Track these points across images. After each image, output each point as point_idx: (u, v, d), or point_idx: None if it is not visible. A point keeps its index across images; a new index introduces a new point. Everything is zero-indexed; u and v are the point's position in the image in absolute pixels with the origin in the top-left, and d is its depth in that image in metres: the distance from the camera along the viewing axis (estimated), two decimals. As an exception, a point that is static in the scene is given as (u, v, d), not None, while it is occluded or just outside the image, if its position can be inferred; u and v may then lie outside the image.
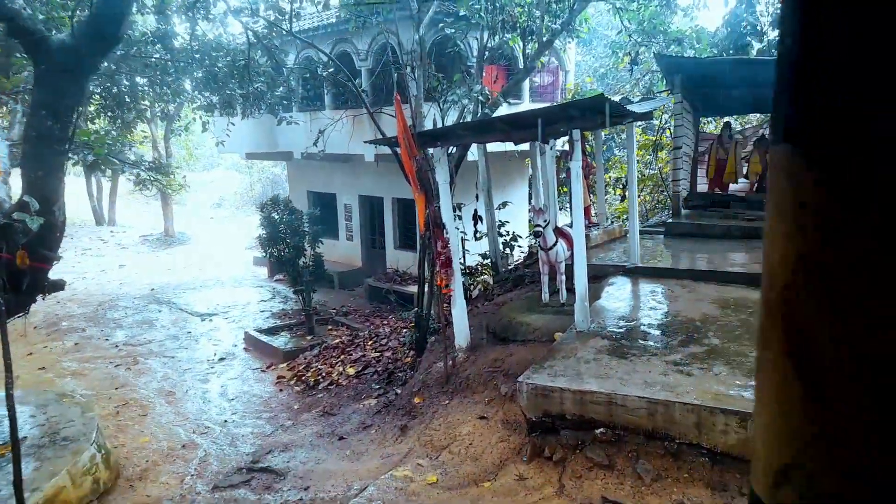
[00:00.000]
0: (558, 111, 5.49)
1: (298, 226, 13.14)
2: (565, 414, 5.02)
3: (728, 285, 7.34)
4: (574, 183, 5.91)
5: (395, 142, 6.57)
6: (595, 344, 5.77)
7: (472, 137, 6.65)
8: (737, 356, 5.29)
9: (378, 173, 15.38)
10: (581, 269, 6.10)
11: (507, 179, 16.42)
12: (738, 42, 11.49)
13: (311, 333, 12.36)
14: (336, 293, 16.26)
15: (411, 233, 16.28)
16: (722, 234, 9.60)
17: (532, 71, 10.79)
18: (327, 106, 15.69)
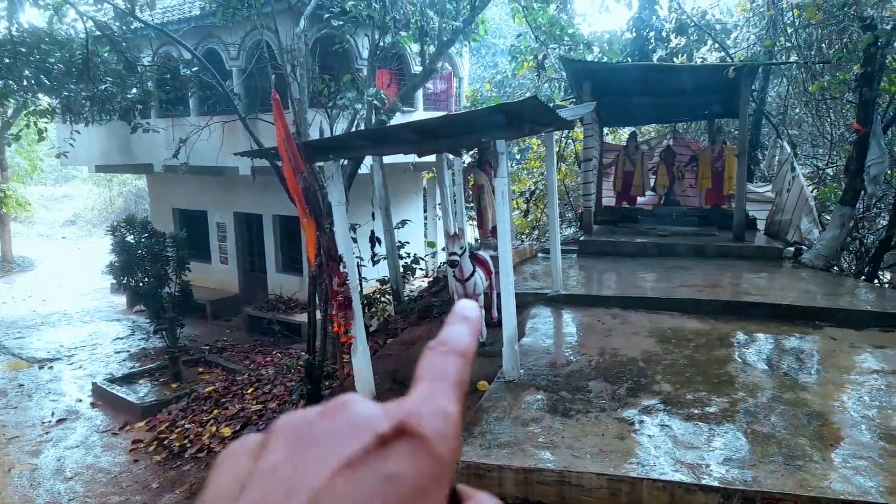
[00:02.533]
0: (482, 117, 4.44)
1: (161, 250, 11.22)
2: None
3: (660, 312, 6.67)
4: (500, 204, 4.87)
5: (276, 154, 5.20)
6: (531, 398, 4.76)
7: (372, 149, 5.45)
8: (695, 406, 4.50)
9: (256, 188, 13.68)
10: (510, 305, 5.07)
11: (403, 195, 15.29)
12: (643, 48, 11.17)
13: (178, 379, 10.47)
14: (209, 325, 14.29)
15: (296, 254, 14.67)
16: (637, 252, 9.07)
17: (432, 73, 9.78)
18: (192, 111, 13.77)
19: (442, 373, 0.38)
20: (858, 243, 10.01)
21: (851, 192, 8.13)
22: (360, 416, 0.34)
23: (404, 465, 0.32)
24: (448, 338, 0.41)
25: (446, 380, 0.37)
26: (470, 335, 0.42)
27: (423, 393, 0.36)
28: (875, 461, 3.65)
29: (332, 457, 0.32)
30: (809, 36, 10.70)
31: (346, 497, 0.31)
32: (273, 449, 0.34)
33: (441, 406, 0.35)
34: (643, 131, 14.70)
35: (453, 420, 0.35)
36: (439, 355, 0.39)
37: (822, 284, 7.56)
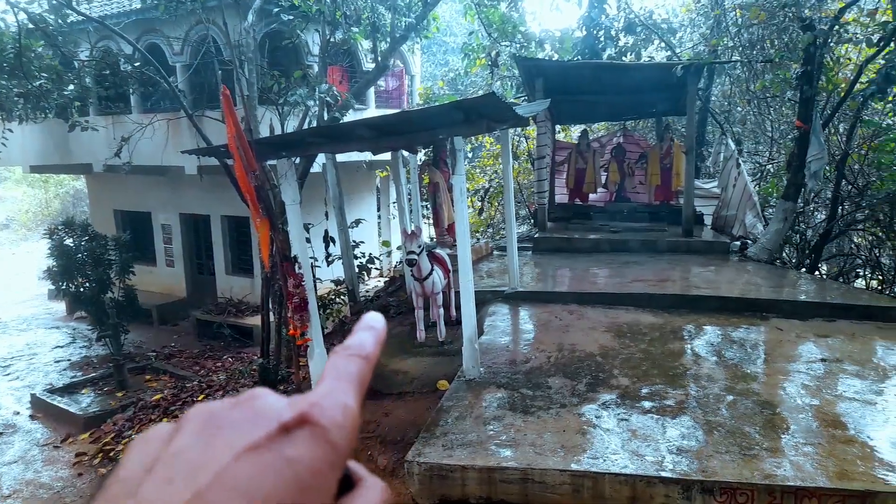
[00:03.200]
0: (439, 114, 4.38)
1: (102, 253, 10.76)
2: (469, 498, 3.92)
3: (615, 307, 6.77)
4: (458, 202, 4.83)
5: (226, 152, 5.02)
6: (491, 396, 4.74)
7: (327, 146, 5.32)
8: (652, 399, 4.57)
9: (203, 188, 13.27)
10: (469, 304, 5.03)
11: (356, 193, 15.09)
12: (593, 47, 11.31)
13: (123, 388, 10.05)
14: (155, 331, 13.79)
15: (246, 255, 14.30)
16: (591, 248, 9.19)
17: (385, 70, 9.65)
18: (134, 108, 13.25)
19: (345, 373, 0.41)
20: (800, 237, 10.40)
21: (793, 188, 8.42)
22: (266, 407, 0.37)
23: (303, 450, 0.35)
24: (353, 343, 0.45)
25: (348, 379, 0.41)
26: (374, 342, 0.45)
27: (326, 388, 0.40)
28: (823, 447, 3.76)
29: (236, 442, 0.35)
30: (752, 36, 11.05)
31: (247, 477, 0.33)
32: (182, 435, 0.36)
33: (341, 400, 0.39)
34: (594, 129, 14.93)
35: (351, 413, 0.39)
36: (343, 357, 0.43)
37: (768, 277, 7.81)
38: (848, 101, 8.91)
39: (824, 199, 10.61)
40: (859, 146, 9.92)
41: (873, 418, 4.14)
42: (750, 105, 12.58)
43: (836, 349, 5.49)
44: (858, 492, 3.26)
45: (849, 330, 6.00)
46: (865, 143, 9.87)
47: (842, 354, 5.34)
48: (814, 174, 8.11)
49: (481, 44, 10.75)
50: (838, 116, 9.84)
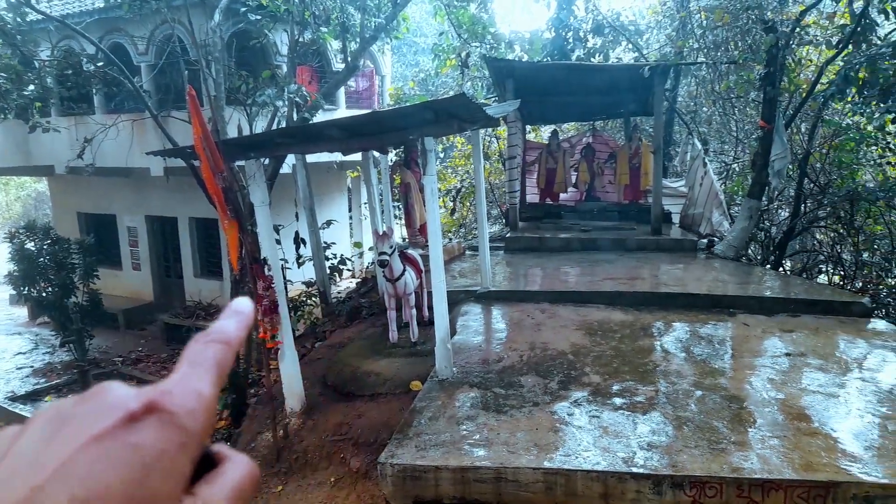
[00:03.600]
0: (410, 114, 4.37)
1: (65, 257, 10.52)
2: (442, 498, 3.92)
3: (586, 306, 6.83)
4: (430, 202, 4.82)
5: (192, 153, 4.93)
6: (464, 396, 4.74)
7: (297, 146, 5.26)
8: (623, 396, 4.62)
9: (169, 189, 13.03)
10: (441, 304, 5.03)
11: (327, 194, 14.96)
12: (563, 48, 11.41)
13: (89, 394, 9.82)
14: (122, 335, 13.50)
15: (215, 257, 14.08)
16: (562, 248, 9.27)
17: (355, 70, 9.59)
18: (98, 109, 12.95)
19: (201, 358, 0.41)
20: (764, 234, 10.63)
21: (758, 186, 8.60)
22: (113, 398, 0.37)
23: (149, 436, 0.35)
24: (214, 328, 0.44)
25: (204, 364, 0.41)
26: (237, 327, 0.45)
27: (179, 375, 0.40)
28: (789, 440, 3.85)
29: (82, 433, 0.34)
30: (716, 37, 11.26)
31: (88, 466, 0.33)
32: (26, 433, 0.36)
33: (193, 386, 0.39)
34: (564, 129, 15.05)
35: (205, 398, 0.39)
36: (202, 344, 0.43)
37: (734, 274, 7.96)
38: (809, 102, 9.14)
39: (788, 197, 10.86)
40: (820, 145, 10.18)
41: (836, 410, 4.25)
42: (715, 105, 12.83)
43: (801, 343, 5.62)
44: (823, 482, 3.34)
45: (812, 324, 6.15)
46: (826, 143, 10.13)
47: (806, 349, 5.47)
48: (777, 173, 8.29)
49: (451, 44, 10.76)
50: (800, 116, 10.09)
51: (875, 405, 4.32)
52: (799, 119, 10.19)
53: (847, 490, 3.31)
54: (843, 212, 9.68)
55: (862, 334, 5.90)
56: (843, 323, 6.22)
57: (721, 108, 12.85)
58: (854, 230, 9.68)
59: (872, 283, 9.44)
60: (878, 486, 3.31)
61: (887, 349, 5.51)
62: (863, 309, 6.46)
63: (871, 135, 9.57)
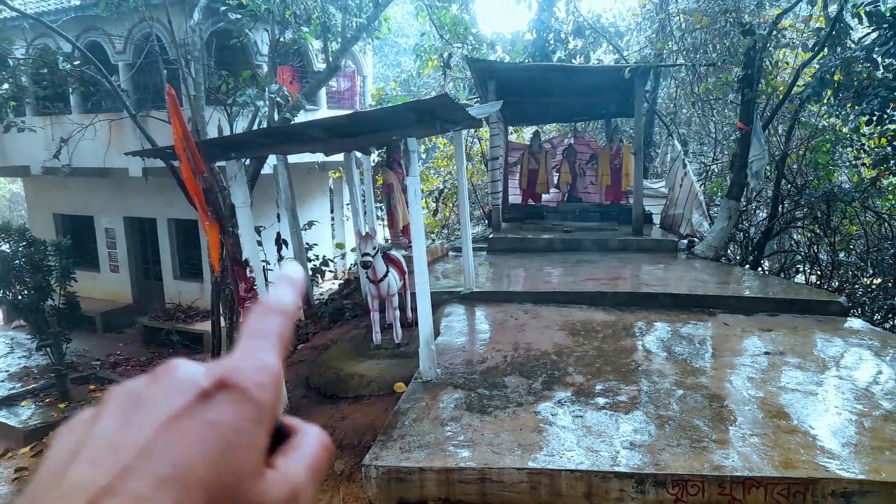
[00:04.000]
0: (393, 114, 4.36)
1: (41, 259, 10.33)
2: (427, 500, 3.91)
3: (569, 306, 6.87)
4: (412, 203, 4.81)
5: (172, 153, 4.87)
6: (448, 397, 4.74)
7: (278, 147, 5.22)
8: (606, 395, 4.65)
9: (148, 190, 12.84)
10: (425, 305, 5.02)
11: (309, 195, 14.87)
12: (544, 49, 11.46)
13: (66, 399, 9.64)
14: (99, 338, 13.28)
15: (195, 259, 13.92)
16: (545, 248, 9.32)
17: (337, 71, 9.54)
18: (74, 109, 12.74)
19: (263, 330, 0.41)
20: (743, 234, 10.77)
21: (737, 187, 8.71)
22: (183, 377, 0.37)
23: (224, 412, 0.36)
24: (270, 299, 0.44)
25: (266, 336, 0.41)
26: (293, 295, 0.45)
27: (244, 349, 0.40)
28: (768, 437, 3.90)
29: (158, 414, 0.35)
30: (695, 40, 11.40)
31: (170, 445, 0.34)
32: (103, 415, 0.36)
33: (259, 360, 0.39)
34: (545, 130, 15.12)
35: (272, 370, 0.39)
36: (261, 315, 0.43)
37: (714, 274, 8.06)
38: (786, 104, 9.28)
39: (766, 197, 11.02)
40: (797, 147, 10.34)
41: (814, 408, 4.31)
42: (694, 107, 12.98)
43: (779, 342, 5.70)
44: (802, 479, 3.39)
45: (790, 323, 6.24)
46: (803, 144, 10.29)
47: (784, 347, 5.55)
48: (755, 174, 8.41)
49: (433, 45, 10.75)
50: (777, 118, 10.24)
51: (852, 402, 4.40)
52: (776, 121, 10.34)
53: (825, 486, 3.37)
54: (820, 212, 9.84)
55: (839, 333, 6.00)
56: (820, 322, 6.32)
57: (700, 110, 13.00)
58: (830, 230, 9.84)
59: (848, 282, 9.60)
60: (856, 482, 3.37)
61: (863, 347, 5.62)
62: (840, 308, 6.58)
63: (847, 136, 9.75)
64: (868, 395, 4.52)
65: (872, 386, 4.72)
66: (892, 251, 8.26)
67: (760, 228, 10.61)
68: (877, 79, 7.43)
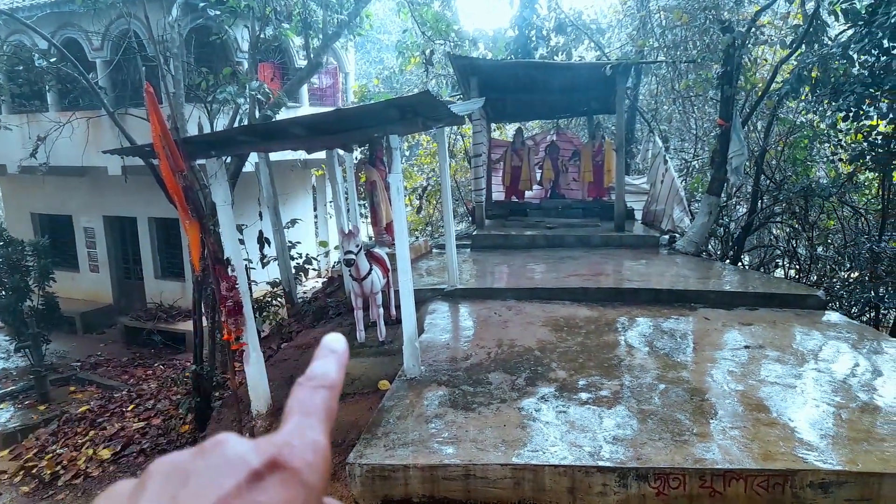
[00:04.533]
0: (375, 112, 4.34)
1: (19, 259, 10.18)
2: (412, 497, 3.92)
3: (552, 302, 6.90)
4: (395, 200, 4.80)
5: (150, 151, 4.82)
6: (432, 394, 4.74)
7: (259, 144, 5.18)
8: (589, 391, 4.68)
9: (128, 189, 12.67)
10: (409, 303, 5.02)
11: (291, 193, 14.77)
12: (526, 46, 11.48)
13: (46, 401, 9.52)
14: (79, 339, 13.12)
15: (176, 258, 13.79)
16: (528, 245, 9.35)
17: (319, 67, 9.48)
18: (51, 106, 12.55)
19: (311, 407, 0.41)
20: (723, 230, 10.89)
21: (717, 183, 8.80)
22: (233, 454, 0.36)
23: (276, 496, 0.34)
24: (316, 372, 0.43)
25: (315, 413, 0.40)
26: (337, 368, 0.44)
27: (293, 427, 0.39)
28: (748, 430, 3.95)
29: (206, 494, 0.33)
30: (675, 37, 11.48)
31: None
32: (149, 490, 0.35)
33: (310, 438, 0.38)
34: (528, 127, 15.15)
35: (322, 450, 0.38)
36: (308, 390, 0.42)
37: (695, 269, 8.14)
38: (765, 100, 9.38)
39: (745, 193, 11.14)
40: (776, 143, 10.47)
41: (793, 401, 4.38)
42: (675, 104, 13.08)
43: (759, 336, 5.77)
44: (781, 471, 3.44)
45: (770, 318, 6.32)
46: (782, 140, 10.42)
47: (764, 341, 5.62)
48: (735, 169, 8.50)
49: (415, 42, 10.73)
50: (756, 114, 10.35)
51: (830, 395, 4.47)
52: (755, 117, 10.46)
53: (804, 478, 3.42)
54: (798, 207, 9.97)
55: (817, 326, 6.09)
56: (799, 315, 6.41)
57: (681, 107, 13.11)
58: (808, 225, 9.98)
59: (826, 276, 9.75)
60: (833, 473, 3.42)
61: (841, 340, 5.71)
62: (818, 302, 6.67)
63: (824, 132, 9.88)
64: (845, 388, 4.59)
65: (850, 378, 4.80)
66: (869, 245, 8.40)
67: (740, 224, 10.74)
68: (853, 75, 7.54)
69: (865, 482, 3.41)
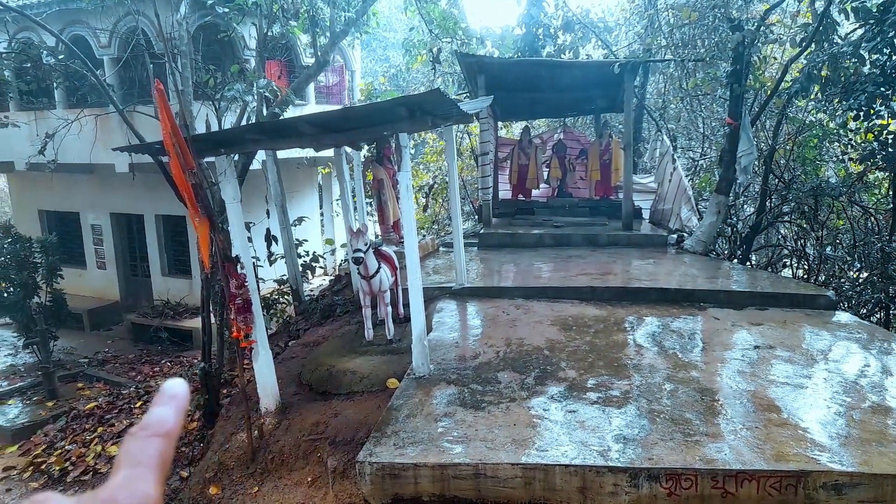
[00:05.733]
0: (384, 110, 4.33)
1: (27, 256, 10.22)
2: (422, 496, 3.91)
3: (560, 301, 6.88)
4: (404, 198, 4.79)
5: (160, 149, 4.82)
6: (442, 393, 4.73)
7: (268, 142, 5.18)
8: (599, 390, 4.66)
9: (135, 186, 12.72)
10: (418, 301, 5.01)
11: (298, 190, 14.79)
12: (533, 44, 11.46)
13: (54, 397, 9.55)
14: (87, 336, 13.16)
15: (183, 255, 13.82)
16: (535, 243, 9.33)
17: (326, 65, 9.47)
18: (59, 103, 12.59)
19: (141, 456, 0.39)
20: (731, 229, 10.85)
21: (725, 182, 8.76)
22: None
23: None
24: (150, 421, 0.42)
25: (146, 463, 0.39)
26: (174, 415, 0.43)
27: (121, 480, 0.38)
28: (760, 430, 3.93)
29: None
30: (684, 35, 11.44)
31: None
32: None
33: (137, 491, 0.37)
34: (535, 126, 15.13)
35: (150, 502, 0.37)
36: (139, 440, 0.40)
37: (704, 268, 8.11)
38: (774, 99, 9.34)
39: (753, 192, 11.10)
40: (785, 142, 10.42)
41: (804, 401, 4.35)
42: (683, 102, 13.03)
43: (769, 336, 5.74)
44: (793, 472, 3.41)
45: (779, 317, 6.29)
46: (791, 139, 10.37)
47: (774, 341, 5.59)
48: (744, 169, 8.46)
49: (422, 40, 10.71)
50: (765, 113, 10.31)
51: (841, 395, 4.44)
52: (764, 116, 10.41)
53: (816, 479, 3.40)
54: (807, 207, 9.92)
55: (827, 326, 6.05)
56: (808, 315, 6.37)
57: (689, 105, 13.06)
58: (818, 225, 9.93)
59: (835, 276, 9.70)
60: (846, 475, 3.40)
61: (851, 340, 5.67)
62: (828, 301, 6.64)
63: (834, 131, 9.82)
64: (857, 388, 4.56)
65: (861, 379, 4.77)
66: (879, 245, 8.35)
67: (748, 223, 10.69)
68: (863, 74, 7.49)
69: (879, 484, 3.39)
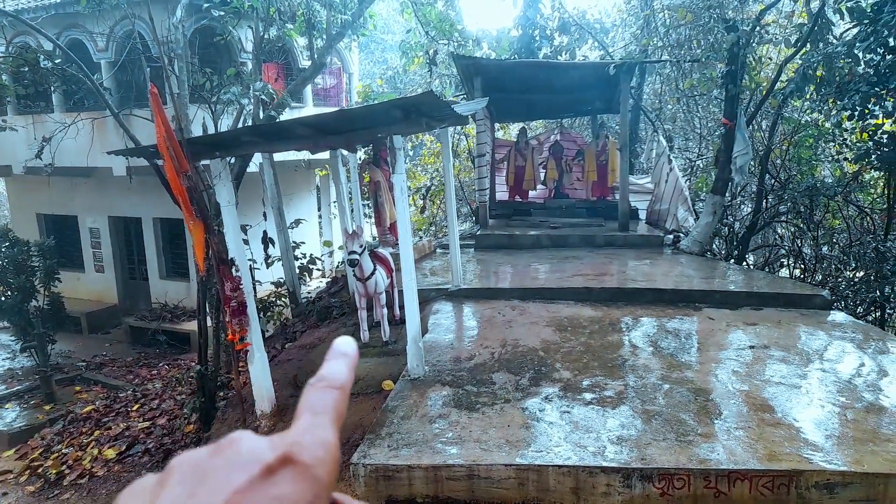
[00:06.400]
0: (379, 112, 4.34)
1: (24, 260, 10.22)
2: (416, 497, 3.92)
3: (556, 302, 6.89)
4: (399, 200, 4.81)
5: (155, 152, 4.83)
6: (436, 394, 4.74)
7: (264, 145, 5.19)
8: (593, 391, 4.67)
9: (133, 189, 12.73)
10: (412, 303, 5.02)
11: (295, 193, 14.80)
12: (529, 46, 11.48)
13: (51, 400, 9.55)
14: (85, 339, 13.16)
15: (181, 258, 13.83)
16: (532, 245, 9.34)
17: (323, 68, 9.49)
18: (56, 107, 12.60)
19: (321, 406, 0.42)
20: (728, 229, 10.86)
21: (721, 182, 8.77)
22: (247, 451, 0.38)
23: (288, 488, 0.36)
24: (326, 374, 0.45)
25: (325, 412, 0.42)
26: (347, 370, 0.47)
27: (304, 425, 0.40)
28: (753, 430, 3.94)
29: (223, 488, 0.35)
30: (680, 36, 11.46)
31: None
32: (168, 487, 0.37)
33: (320, 436, 0.40)
34: (532, 127, 15.14)
35: (331, 447, 0.40)
36: (318, 391, 0.44)
37: (700, 269, 8.12)
38: (770, 99, 9.35)
39: (750, 192, 11.11)
40: (781, 142, 10.43)
41: (798, 401, 4.36)
42: (679, 103, 13.05)
43: (764, 336, 5.75)
44: (786, 472, 3.42)
45: (775, 317, 6.30)
46: (786, 139, 10.38)
47: (769, 341, 5.60)
48: (740, 169, 8.47)
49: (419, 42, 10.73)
50: (761, 114, 10.32)
51: (835, 395, 4.45)
52: (760, 116, 10.43)
53: (809, 478, 3.41)
54: (803, 207, 9.94)
55: (822, 326, 6.06)
56: (804, 315, 6.39)
57: (685, 106, 13.08)
58: (813, 225, 9.94)
59: (831, 275, 9.71)
60: (838, 474, 3.41)
61: (846, 340, 5.69)
62: (823, 301, 6.65)
63: (829, 131, 9.84)
64: (851, 388, 4.58)
65: (855, 378, 4.78)
66: (874, 245, 8.36)
67: (745, 223, 10.70)
68: (858, 74, 7.51)
69: (871, 483, 3.40)
